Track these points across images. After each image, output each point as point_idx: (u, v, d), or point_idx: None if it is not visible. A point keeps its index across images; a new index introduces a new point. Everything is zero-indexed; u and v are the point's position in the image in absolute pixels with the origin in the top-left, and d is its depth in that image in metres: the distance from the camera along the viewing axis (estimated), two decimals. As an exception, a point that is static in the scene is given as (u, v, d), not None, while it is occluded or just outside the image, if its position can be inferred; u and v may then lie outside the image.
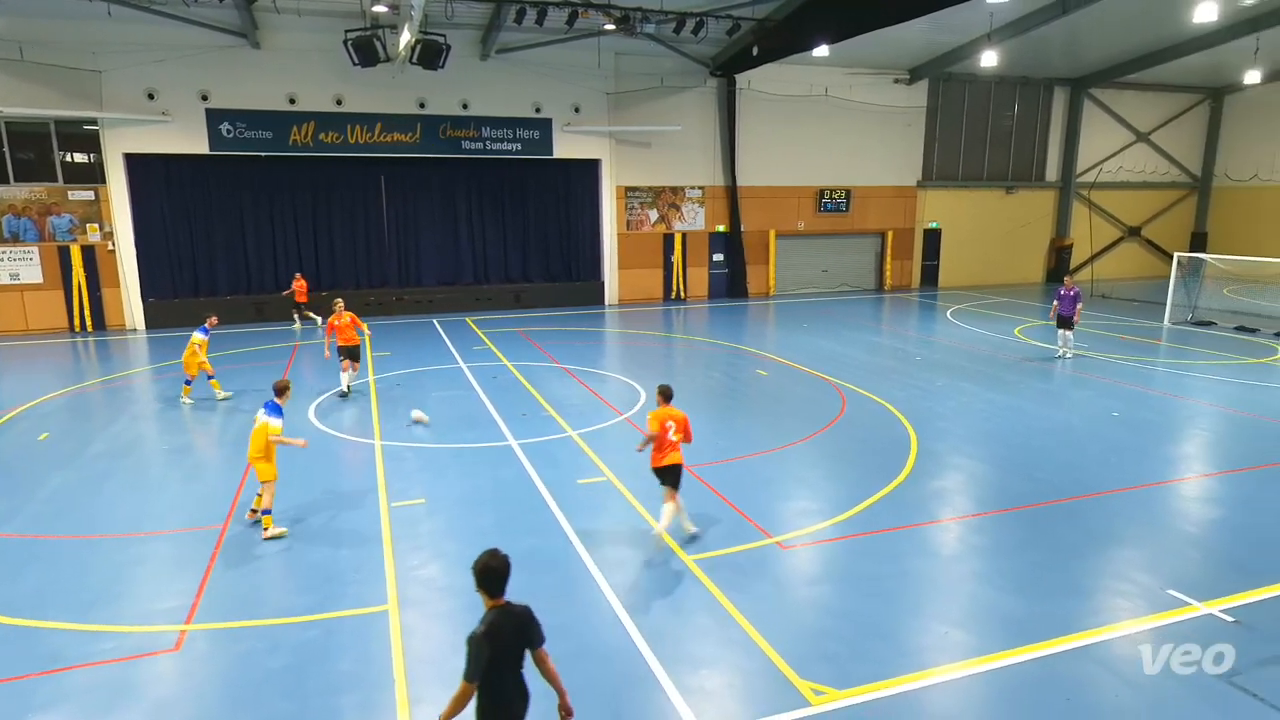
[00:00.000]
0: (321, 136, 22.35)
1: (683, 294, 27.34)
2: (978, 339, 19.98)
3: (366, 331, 14.51)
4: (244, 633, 6.65)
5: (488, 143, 23.95)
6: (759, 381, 15.82)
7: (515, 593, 4.32)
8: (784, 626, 6.70)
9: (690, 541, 8.23)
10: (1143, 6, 22.31)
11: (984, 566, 7.87)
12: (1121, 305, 25.47)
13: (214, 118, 21.49)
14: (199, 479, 10.38)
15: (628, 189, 26.14)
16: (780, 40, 21.88)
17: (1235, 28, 24.13)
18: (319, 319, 14.48)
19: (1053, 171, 31.93)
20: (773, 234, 28.03)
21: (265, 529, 8.40)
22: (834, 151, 28.06)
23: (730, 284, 27.76)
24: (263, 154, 22.20)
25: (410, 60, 19.39)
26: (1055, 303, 17.29)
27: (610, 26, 20.38)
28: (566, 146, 24.79)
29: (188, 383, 13.85)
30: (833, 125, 27.82)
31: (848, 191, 28.54)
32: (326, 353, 14.79)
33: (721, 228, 27.42)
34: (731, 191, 27.00)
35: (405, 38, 18.66)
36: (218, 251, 23.06)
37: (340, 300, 14.84)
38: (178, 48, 20.60)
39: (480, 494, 9.70)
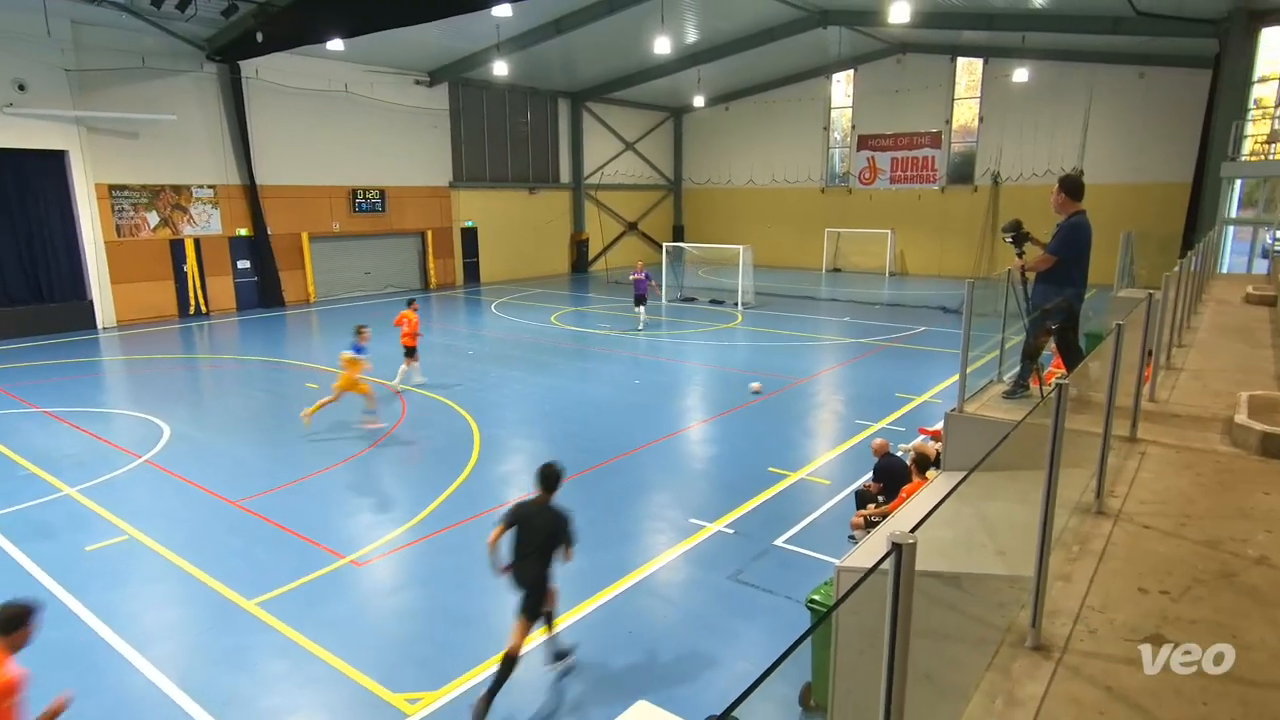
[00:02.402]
0: None
1: (204, 307, 23.91)
2: (520, 329, 21.57)
3: None
4: None
5: (-125, 123, 17.60)
6: (309, 396, 14.72)
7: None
8: (369, 645, 6.45)
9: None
10: (619, 35, 26.31)
11: (551, 535, 8.62)
12: (630, 288, 29.87)
13: None
14: None
15: (113, 187, 21.75)
16: (287, 28, 20.32)
17: (683, 60, 30.13)
18: None
19: (566, 174, 35.88)
20: (305, 236, 26.18)
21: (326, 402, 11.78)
22: (363, 150, 27.29)
23: (262, 292, 25.16)
24: None
25: None
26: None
27: (59, -13, 16.59)
28: (11, 134, 19.53)
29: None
30: (360, 123, 27.01)
31: (382, 191, 28.07)
32: None
33: (244, 231, 24.63)
34: (251, 191, 24.38)
35: None
36: None
37: None
38: None
39: (-70, 597, 7.22)
